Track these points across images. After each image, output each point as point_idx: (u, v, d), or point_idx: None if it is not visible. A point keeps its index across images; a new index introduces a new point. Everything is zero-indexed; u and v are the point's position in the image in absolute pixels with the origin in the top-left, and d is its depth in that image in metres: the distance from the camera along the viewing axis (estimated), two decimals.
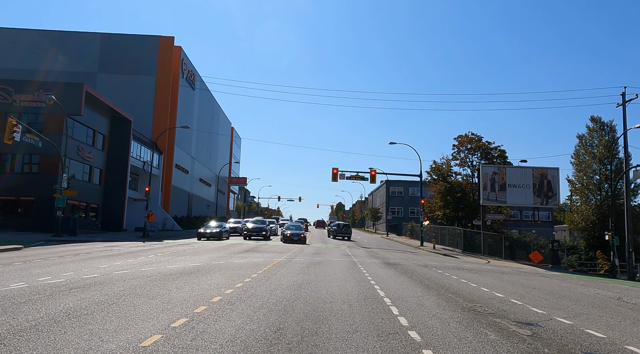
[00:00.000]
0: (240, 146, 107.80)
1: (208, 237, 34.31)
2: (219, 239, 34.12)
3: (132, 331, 6.20)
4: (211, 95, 74.83)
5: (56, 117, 34.21)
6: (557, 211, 77.62)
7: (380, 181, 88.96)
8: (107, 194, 41.79)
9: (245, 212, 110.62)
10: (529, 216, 74.88)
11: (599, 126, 45.79)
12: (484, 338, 6.91)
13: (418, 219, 55.56)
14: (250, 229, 37.83)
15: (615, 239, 30.29)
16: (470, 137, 46.05)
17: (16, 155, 34.99)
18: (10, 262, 14.93)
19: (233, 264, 16.37)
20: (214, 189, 77.72)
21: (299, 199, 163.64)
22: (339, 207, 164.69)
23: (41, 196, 34.10)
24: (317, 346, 5.88)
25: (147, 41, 55.46)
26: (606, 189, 43.04)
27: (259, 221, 42.34)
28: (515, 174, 38.32)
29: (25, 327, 6.23)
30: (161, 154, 53.11)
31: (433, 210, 48.02)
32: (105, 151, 41.87)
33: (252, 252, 23.13)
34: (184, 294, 9.40)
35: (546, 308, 10.42)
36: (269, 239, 38.45)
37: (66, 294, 8.83)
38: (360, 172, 45.35)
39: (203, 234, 34.45)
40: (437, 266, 21.32)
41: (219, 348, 5.60)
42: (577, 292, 14.88)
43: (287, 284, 11.62)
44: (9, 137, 26.21)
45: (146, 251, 22.25)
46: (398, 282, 13.70)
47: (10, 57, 52.26)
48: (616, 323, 9.20)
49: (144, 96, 53.37)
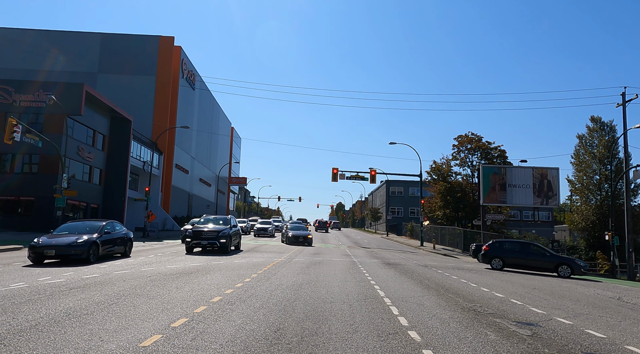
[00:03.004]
0: (240, 146, 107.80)
1: None
2: None
3: (132, 331, 6.20)
4: (211, 95, 74.84)
5: (56, 117, 34.21)
6: (557, 211, 77.61)
7: (380, 181, 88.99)
8: (107, 194, 41.79)
9: (246, 213, 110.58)
10: (529, 216, 74.87)
11: (599, 126, 45.79)
12: (484, 338, 6.92)
13: (418, 219, 55.54)
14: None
15: (615, 239, 30.29)
16: (470, 137, 46.06)
17: (16, 155, 34.98)
18: (10, 262, 14.94)
19: (233, 264, 16.37)
20: (214, 189, 77.71)
21: (299, 199, 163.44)
22: (339, 207, 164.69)
23: (41, 196, 34.09)
24: (317, 346, 5.88)
25: (147, 41, 55.47)
26: (606, 189, 43.03)
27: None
28: (515, 174, 38.34)
29: (25, 327, 6.23)
30: (161, 154, 53.11)
31: (433, 210, 48.03)
32: (105, 151, 41.87)
33: (252, 253, 23.13)
34: (184, 294, 9.40)
35: (546, 308, 10.42)
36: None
37: (66, 294, 8.83)
38: (360, 172, 45.40)
39: None
40: (437, 266, 21.32)
41: (219, 348, 5.60)
42: (577, 292, 14.88)
43: (287, 284, 11.62)
44: (9, 137, 26.20)
45: (146, 251, 22.25)
46: (398, 282, 13.70)
47: (10, 57, 52.25)
48: (616, 323, 9.20)
49: (144, 96, 53.37)
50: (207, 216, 25.19)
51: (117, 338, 5.82)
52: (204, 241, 21.11)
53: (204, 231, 21.45)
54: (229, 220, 23.90)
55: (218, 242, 21.10)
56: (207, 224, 23.07)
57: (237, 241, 24.31)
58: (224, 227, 22.31)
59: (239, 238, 24.65)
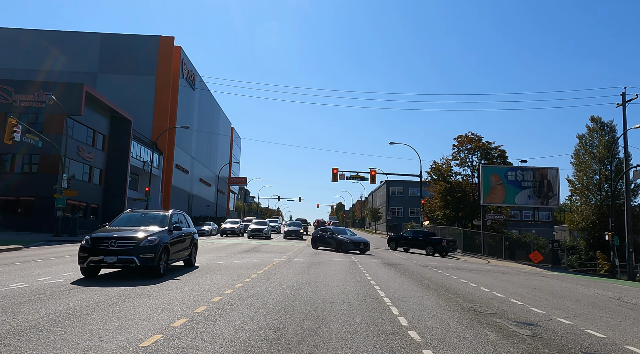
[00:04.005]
0: (240, 146, 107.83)
1: None
2: None
3: (132, 331, 6.20)
4: (211, 95, 74.84)
5: (56, 117, 34.22)
6: (557, 211, 77.59)
7: (380, 181, 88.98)
8: (107, 194, 41.80)
9: (245, 212, 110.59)
10: (529, 216, 74.82)
11: (599, 126, 45.77)
12: (484, 338, 6.91)
13: (418, 219, 55.54)
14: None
15: (615, 239, 30.29)
16: (470, 138, 46.07)
17: (16, 155, 35.00)
18: (10, 262, 14.93)
19: (233, 264, 16.37)
20: (214, 189, 77.72)
21: (299, 199, 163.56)
22: (339, 207, 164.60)
23: (41, 196, 34.11)
24: (317, 346, 5.88)
25: (147, 41, 55.49)
26: (606, 189, 43.01)
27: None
28: (515, 174, 38.33)
29: (25, 327, 6.23)
30: (161, 154, 53.11)
31: (433, 210, 48.03)
32: (105, 151, 41.87)
33: (252, 252, 23.13)
34: (184, 294, 9.40)
35: (546, 308, 10.42)
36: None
37: (66, 294, 8.83)
38: (360, 172, 45.38)
39: None
40: (437, 266, 21.32)
41: (219, 348, 5.60)
42: (577, 292, 14.87)
43: (287, 284, 11.61)
44: (9, 137, 26.21)
45: None
46: (398, 282, 13.69)
47: (10, 57, 52.28)
48: (616, 323, 9.20)
49: (144, 96, 53.40)
50: (134, 210, 14.42)
51: (117, 338, 5.81)
52: (109, 257, 11.03)
53: (112, 239, 11.23)
54: (167, 219, 13.13)
55: (137, 259, 11.16)
56: (126, 226, 12.64)
57: (188, 252, 14.61)
58: (155, 232, 12.03)
59: (191, 248, 14.87)
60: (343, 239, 28.58)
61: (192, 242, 14.85)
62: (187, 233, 14.33)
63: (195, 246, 15.38)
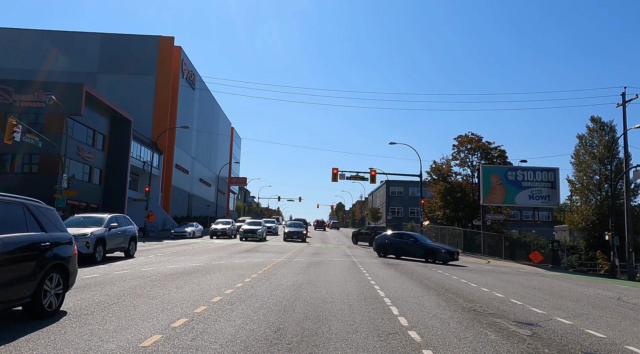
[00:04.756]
0: (240, 146, 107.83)
1: None
2: None
3: (132, 331, 6.20)
4: (211, 95, 74.86)
5: (56, 117, 34.22)
6: (557, 211, 77.59)
7: (380, 181, 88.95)
8: (107, 194, 41.79)
9: (245, 212, 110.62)
10: (529, 216, 74.83)
11: (599, 126, 45.74)
12: (484, 338, 6.91)
13: (418, 219, 55.51)
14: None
15: (615, 239, 30.28)
16: (470, 137, 46.08)
17: (16, 155, 34.98)
18: None
19: (233, 264, 16.37)
20: (214, 189, 77.72)
21: (299, 199, 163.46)
22: (339, 207, 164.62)
23: (41, 196, 33.62)
24: (317, 346, 5.88)
25: (147, 41, 55.49)
26: (606, 189, 42.99)
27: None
28: (515, 174, 38.32)
29: (25, 327, 6.23)
30: (161, 154, 53.12)
31: (433, 210, 48.03)
32: (105, 151, 41.88)
33: (252, 253, 23.15)
34: (184, 294, 9.40)
35: (546, 308, 10.42)
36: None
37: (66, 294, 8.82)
38: (360, 172, 45.34)
39: None
40: (437, 266, 21.33)
41: (219, 348, 5.60)
42: (577, 292, 14.88)
43: (287, 284, 11.62)
44: (9, 137, 26.20)
45: (146, 251, 22.27)
46: (398, 282, 13.70)
47: (10, 57, 52.27)
48: (616, 323, 9.20)
49: (144, 96, 53.40)
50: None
51: (117, 338, 5.82)
52: None
53: None
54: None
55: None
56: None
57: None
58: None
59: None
60: (437, 247, 25.02)
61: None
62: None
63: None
